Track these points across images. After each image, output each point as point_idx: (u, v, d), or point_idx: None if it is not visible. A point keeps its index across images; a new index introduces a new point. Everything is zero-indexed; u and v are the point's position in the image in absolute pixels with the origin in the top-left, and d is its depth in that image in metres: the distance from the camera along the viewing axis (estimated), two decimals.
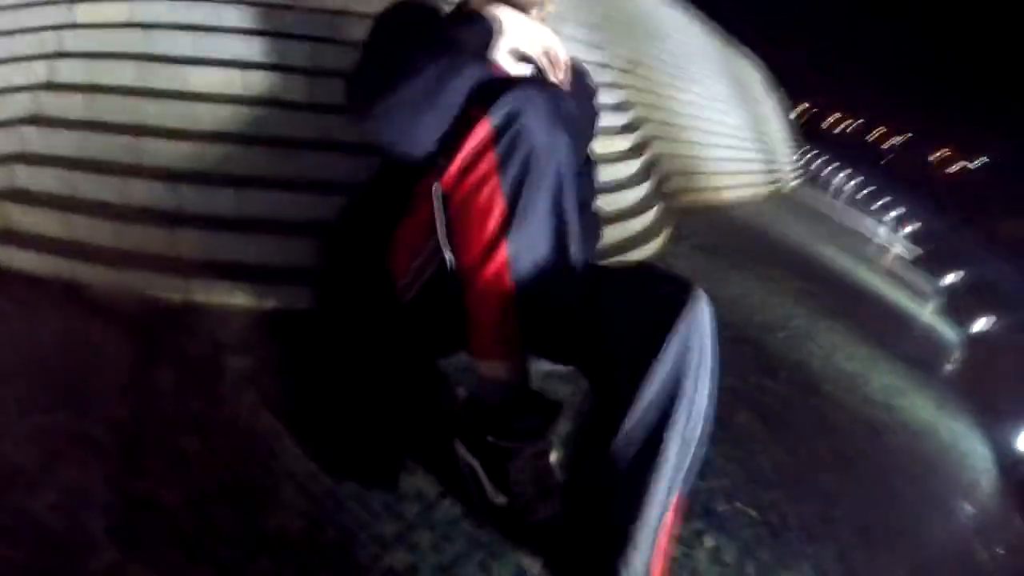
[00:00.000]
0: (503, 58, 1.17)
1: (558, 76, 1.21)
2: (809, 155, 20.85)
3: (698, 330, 0.88)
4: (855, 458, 2.13)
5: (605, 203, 2.67)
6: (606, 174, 2.82)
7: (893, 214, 12.72)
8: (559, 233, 1.01)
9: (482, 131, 0.96)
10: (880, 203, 14.82)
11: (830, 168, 21.26)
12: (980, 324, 5.24)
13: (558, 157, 0.98)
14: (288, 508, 1.07)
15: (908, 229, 11.38)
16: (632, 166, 3.24)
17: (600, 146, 2.01)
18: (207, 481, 1.08)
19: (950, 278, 7.18)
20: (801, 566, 1.47)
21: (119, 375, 1.28)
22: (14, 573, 0.86)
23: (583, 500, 0.94)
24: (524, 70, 1.21)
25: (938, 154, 60.46)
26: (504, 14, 1.16)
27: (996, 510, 2.46)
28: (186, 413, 1.22)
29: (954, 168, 58.85)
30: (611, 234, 2.66)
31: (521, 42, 1.17)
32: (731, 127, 6.89)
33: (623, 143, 3.28)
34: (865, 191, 16.78)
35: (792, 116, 13.96)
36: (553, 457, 1.12)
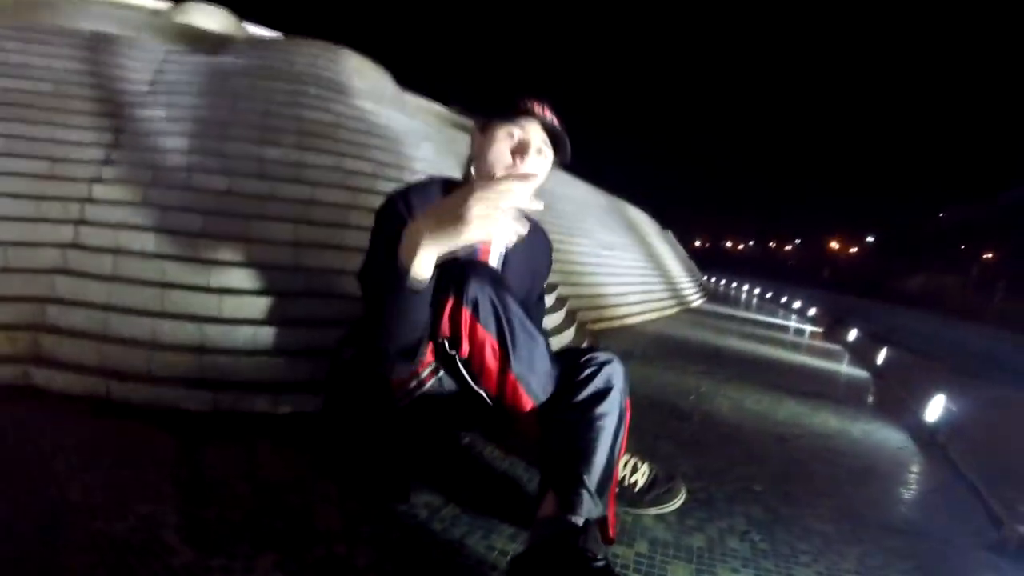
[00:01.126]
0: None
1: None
2: (712, 276, 22.91)
3: (619, 366, 1.58)
4: (764, 455, 2.61)
5: None
6: None
7: (796, 304, 13.91)
8: (532, 334, 1.57)
9: (450, 304, 1.50)
10: (783, 299, 16.13)
11: (731, 283, 23.35)
12: (881, 358, 5.89)
13: (505, 299, 1.53)
14: (330, 515, 1.49)
15: (810, 312, 12.43)
16: (548, 299, 4.01)
17: None
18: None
19: (851, 334, 7.98)
20: (733, 519, 1.94)
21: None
22: None
23: (556, 449, 1.48)
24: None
25: (833, 244, 66.38)
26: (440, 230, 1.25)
27: (917, 471, 2.88)
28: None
29: (852, 250, 64.52)
30: None
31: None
32: (626, 266, 7.93)
33: None
34: (769, 294, 18.24)
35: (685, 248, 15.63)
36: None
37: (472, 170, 1.69)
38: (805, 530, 1.94)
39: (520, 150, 1.59)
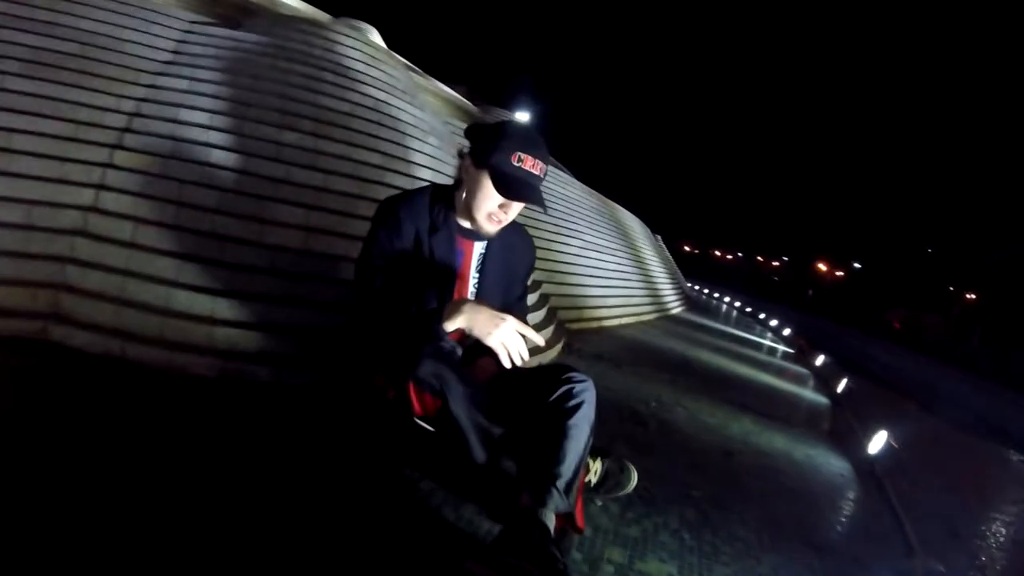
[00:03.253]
0: None
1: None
2: (696, 285, 23.27)
3: (591, 387, 1.79)
4: (708, 466, 2.90)
5: None
6: None
7: (773, 323, 14.27)
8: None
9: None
10: (761, 316, 16.48)
11: (713, 293, 23.78)
12: (841, 386, 6.19)
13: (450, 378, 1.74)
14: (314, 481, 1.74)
15: (786, 332, 12.76)
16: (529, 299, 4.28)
17: None
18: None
19: (820, 359, 8.29)
20: (668, 516, 2.22)
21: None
22: None
23: (533, 454, 1.72)
24: None
25: (820, 265, 67.10)
26: None
27: (848, 497, 3.15)
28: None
29: (838, 274, 65.24)
30: None
31: None
32: (610, 269, 8.18)
33: None
34: (749, 308, 18.63)
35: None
36: None
37: (461, 192, 1.88)
38: (730, 535, 2.22)
39: (508, 206, 1.80)
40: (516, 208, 1.82)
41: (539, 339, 1.58)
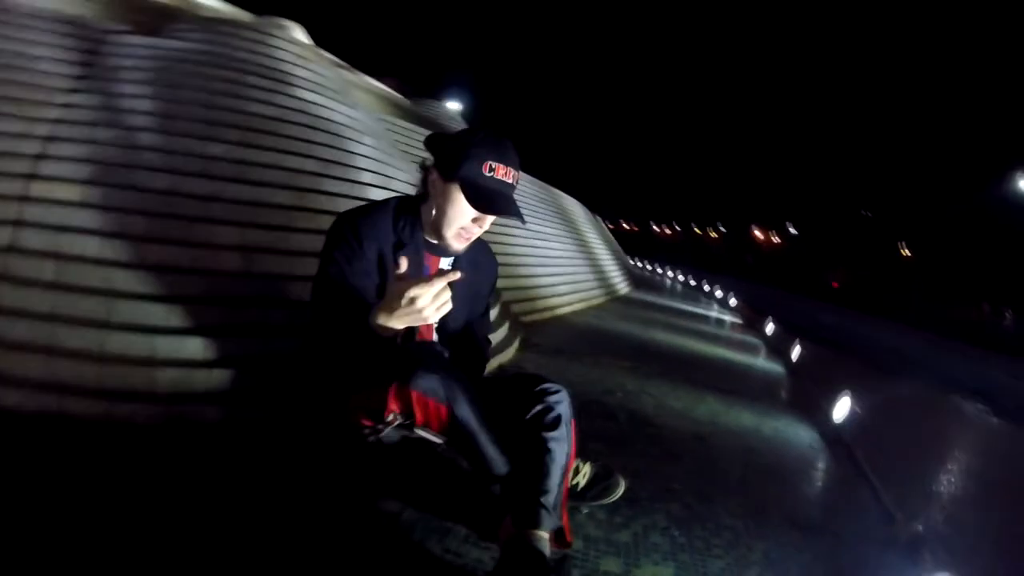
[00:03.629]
0: None
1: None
2: (639, 261, 23.64)
3: (566, 396, 1.79)
4: (683, 454, 2.87)
5: None
6: None
7: (719, 294, 14.55)
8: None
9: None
10: (705, 288, 16.80)
11: (658, 270, 24.23)
12: (795, 353, 6.31)
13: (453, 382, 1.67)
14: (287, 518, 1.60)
15: (732, 303, 13.03)
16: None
17: None
18: None
19: (769, 328, 8.46)
20: (655, 516, 2.17)
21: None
22: None
23: (515, 475, 1.68)
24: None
25: (758, 233, 69.12)
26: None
27: (821, 468, 3.18)
28: None
29: (774, 239, 67.35)
30: None
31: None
32: (556, 256, 8.14)
33: None
34: (693, 282, 19.00)
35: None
36: None
37: (429, 207, 1.76)
38: (718, 526, 2.19)
39: (481, 220, 1.71)
40: (488, 221, 1.72)
41: (455, 275, 1.51)
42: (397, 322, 1.52)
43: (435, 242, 1.78)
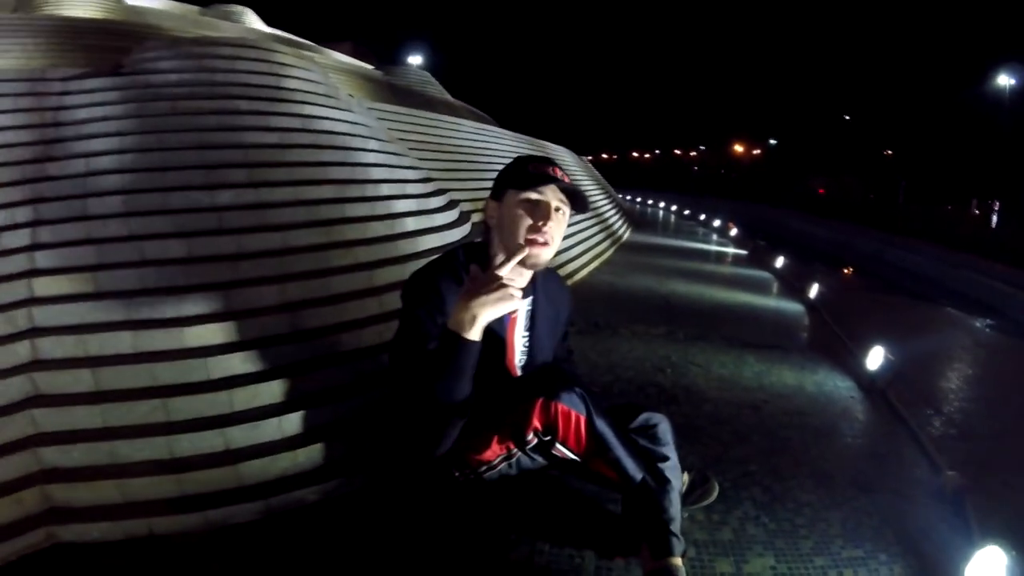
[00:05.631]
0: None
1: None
2: (627, 195, 23.53)
3: (666, 424, 1.98)
4: (746, 431, 2.96)
5: None
6: None
7: (716, 223, 14.60)
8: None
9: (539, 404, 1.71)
10: (702, 217, 16.81)
11: (646, 201, 24.16)
12: (814, 291, 6.39)
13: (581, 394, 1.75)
14: None
15: (732, 232, 13.08)
16: None
17: None
18: None
19: (779, 262, 8.52)
20: (744, 505, 2.29)
21: None
22: None
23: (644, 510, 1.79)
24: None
25: (738, 147, 68.58)
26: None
27: (867, 422, 3.29)
28: None
29: (754, 152, 66.92)
30: None
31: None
32: (569, 221, 8.10)
33: None
34: (687, 212, 19.01)
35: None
36: None
37: (495, 237, 1.83)
38: (796, 503, 2.31)
39: (540, 215, 1.72)
40: (552, 223, 1.75)
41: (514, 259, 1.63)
42: (475, 314, 1.54)
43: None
